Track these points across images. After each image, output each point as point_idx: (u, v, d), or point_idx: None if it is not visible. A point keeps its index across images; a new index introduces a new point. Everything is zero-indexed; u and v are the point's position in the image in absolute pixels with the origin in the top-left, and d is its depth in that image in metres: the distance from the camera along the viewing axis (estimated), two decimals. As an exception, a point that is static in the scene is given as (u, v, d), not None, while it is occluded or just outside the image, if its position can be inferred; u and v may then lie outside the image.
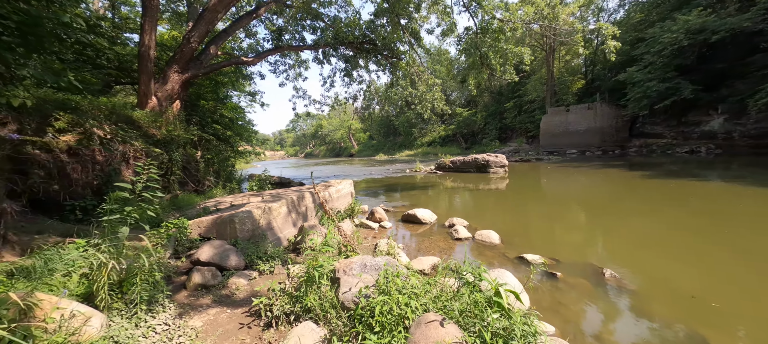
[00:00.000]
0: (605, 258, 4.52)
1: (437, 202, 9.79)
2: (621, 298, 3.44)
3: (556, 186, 11.55)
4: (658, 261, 4.34)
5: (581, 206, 8.07)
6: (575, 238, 5.59)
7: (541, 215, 7.31)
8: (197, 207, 7.75)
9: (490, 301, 2.29)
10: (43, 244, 3.82)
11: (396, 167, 26.22)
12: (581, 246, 5.13)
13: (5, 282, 2.43)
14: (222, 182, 11.58)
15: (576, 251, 4.84)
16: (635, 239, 5.29)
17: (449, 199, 10.20)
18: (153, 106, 9.85)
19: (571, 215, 7.22)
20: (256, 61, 11.92)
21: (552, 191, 10.61)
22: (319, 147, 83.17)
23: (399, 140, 59.40)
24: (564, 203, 8.46)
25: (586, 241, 5.41)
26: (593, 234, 5.81)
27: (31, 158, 5.21)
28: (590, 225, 6.40)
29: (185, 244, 4.73)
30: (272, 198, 5.35)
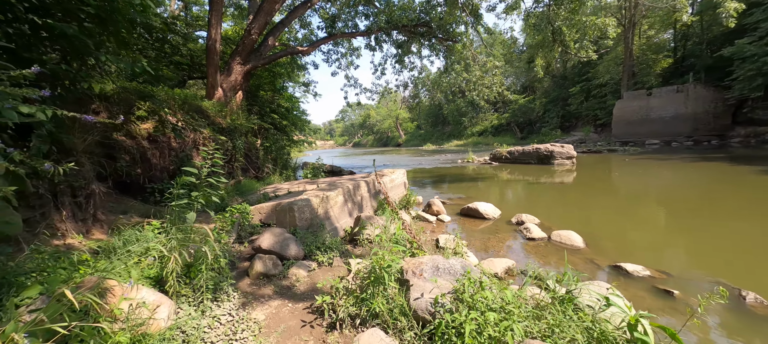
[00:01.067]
0: (732, 274, 3.56)
1: (497, 196, 9.00)
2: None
3: (637, 182, 9.94)
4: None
5: (676, 205, 6.72)
6: (679, 245, 4.57)
7: (626, 215, 6.22)
8: (257, 193, 8.06)
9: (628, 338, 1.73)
10: (126, 224, 4.09)
11: (445, 157, 25.29)
12: (692, 256, 4.15)
13: (89, 262, 2.51)
14: (279, 170, 12.06)
15: (688, 263, 3.91)
16: (762, 250, 4.13)
17: (510, 193, 9.33)
18: (219, 96, 10.48)
19: (666, 216, 6.02)
20: (311, 51, 12.03)
21: (634, 188, 9.12)
22: (367, 137, 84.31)
23: (447, 130, 57.54)
24: (652, 201, 7.15)
25: (696, 249, 4.38)
26: (701, 241, 4.70)
27: (118, 144, 5.72)
28: (694, 229, 5.24)
29: (247, 229, 4.80)
30: (328, 187, 5.21)
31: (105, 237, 3.68)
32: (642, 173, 11.34)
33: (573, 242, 4.57)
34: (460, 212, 6.71)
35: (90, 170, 3.54)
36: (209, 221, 4.99)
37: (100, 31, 3.43)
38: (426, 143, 54.01)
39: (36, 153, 2.64)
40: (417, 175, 14.80)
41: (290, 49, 12.23)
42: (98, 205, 3.78)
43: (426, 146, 51.30)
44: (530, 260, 4.09)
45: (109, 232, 3.81)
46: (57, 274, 1.98)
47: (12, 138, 2.51)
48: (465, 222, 6.07)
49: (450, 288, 2.34)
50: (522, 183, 10.69)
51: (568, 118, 36.91)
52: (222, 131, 8.92)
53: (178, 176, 2.61)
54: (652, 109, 25.04)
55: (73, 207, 3.29)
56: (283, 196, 6.56)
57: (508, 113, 44.71)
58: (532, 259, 4.14)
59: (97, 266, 2.47)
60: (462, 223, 6.05)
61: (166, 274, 2.41)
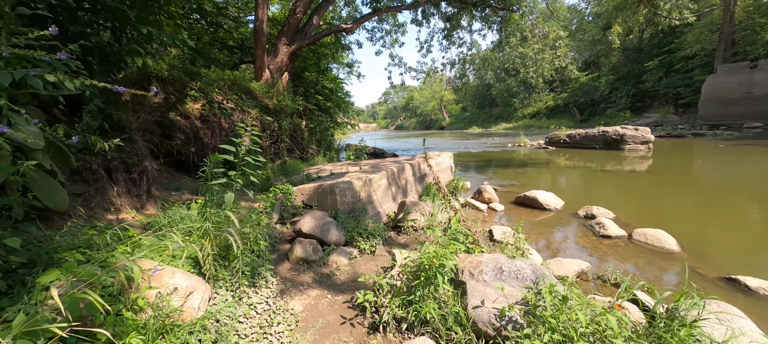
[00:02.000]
0: None
1: (557, 184, 8.03)
2: None
3: (737, 173, 8.19)
4: None
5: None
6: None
7: (728, 214, 5.06)
8: (301, 173, 8.12)
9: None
10: (177, 200, 4.20)
11: (493, 140, 23.77)
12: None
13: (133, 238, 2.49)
14: (323, 151, 12.15)
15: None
16: None
17: (573, 181, 8.28)
18: (266, 78, 10.67)
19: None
20: (355, 27, 11.67)
21: (733, 180, 7.51)
22: (410, 119, 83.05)
23: (495, 112, 54.26)
24: (762, 199, 5.75)
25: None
26: None
27: (173, 123, 5.99)
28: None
29: (290, 210, 4.72)
30: (372, 169, 4.92)
31: (158, 212, 3.79)
32: (741, 163, 9.36)
33: (663, 244, 3.75)
34: (514, 201, 6.03)
35: (143, 147, 3.62)
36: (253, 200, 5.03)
37: (149, 6, 3.40)
38: (472, 126, 51.66)
39: (86, 129, 2.66)
40: (463, 159, 14.00)
41: (334, 28, 11.99)
42: (152, 181, 3.89)
43: (471, 129, 49.07)
44: (609, 263, 3.41)
45: (161, 207, 3.92)
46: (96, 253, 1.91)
47: (63, 113, 2.54)
48: (521, 213, 5.42)
49: (519, 297, 1.89)
50: (586, 171, 9.46)
51: (641, 97, 32.37)
52: (269, 112, 9.07)
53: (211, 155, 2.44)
54: (755, 85, 20.78)
55: (127, 183, 3.38)
56: (325, 177, 6.45)
57: (567, 93, 40.58)
58: (610, 262, 3.46)
59: (139, 242, 2.44)
60: (518, 213, 5.40)
61: (202, 257, 2.29)
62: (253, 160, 2.61)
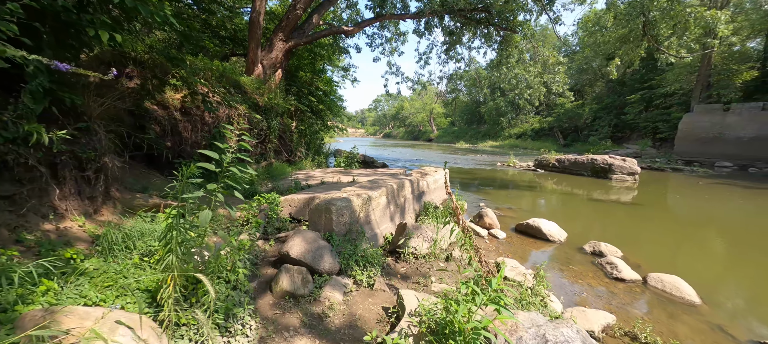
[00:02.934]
0: None
1: (554, 211, 7.83)
2: None
3: (729, 212, 8.28)
4: None
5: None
6: None
7: (740, 259, 4.91)
8: (288, 178, 7.55)
9: None
10: (142, 204, 3.58)
11: (481, 158, 23.83)
12: None
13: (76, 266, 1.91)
14: (311, 155, 11.57)
15: None
16: None
17: (570, 209, 8.11)
18: (258, 73, 10.05)
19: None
20: (356, 31, 11.28)
21: (730, 221, 7.55)
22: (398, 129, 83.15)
23: (483, 129, 55.12)
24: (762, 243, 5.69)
25: None
26: None
27: (149, 113, 5.32)
28: None
29: (275, 223, 4.18)
30: (371, 185, 4.46)
31: (116, 219, 3.17)
32: (727, 201, 9.54)
33: (683, 294, 3.48)
34: (515, 228, 5.71)
35: (104, 139, 3.02)
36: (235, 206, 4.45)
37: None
38: (459, 141, 52.14)
39: (22, 114, 2.08)
40: (454, 175, 13.75)
41: (334, 29, 11.55)
42: (112, 180, 3.28)
43: (459, 144, 49.49)
44: (632, 313, 3.08)
45: (122, 212, 3.31)
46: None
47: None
48: (524, 243, 5.09)
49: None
50: (579, 198, 9.36)
51: (622, 128, 33.61)
52: (258, 109, 8.47)
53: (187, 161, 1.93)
54: (727, 126, 21.89)
55: (78, 182, 2.77)
56: (316, 187, 5.92)
57: (553, 117, 41.71)
58: (632, 311, 3.13)
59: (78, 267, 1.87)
60: (521, 243, 5.07)
61: (160, 298, 1.75)
62: (239, 171, 2.10)
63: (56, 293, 1.58)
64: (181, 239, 1.78)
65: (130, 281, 1.99)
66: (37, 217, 2.30)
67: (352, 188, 4.14)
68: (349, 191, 3.98)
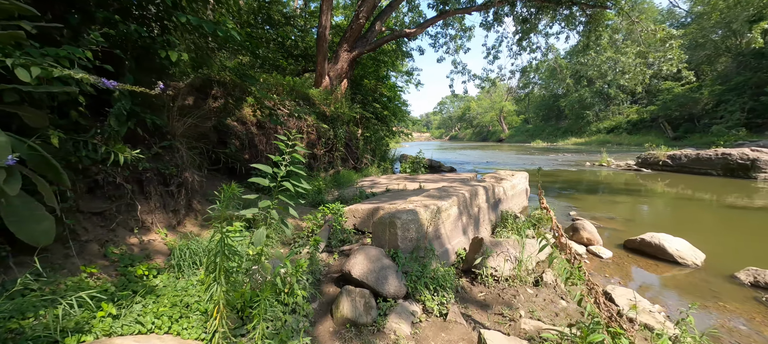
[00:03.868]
0: None
1: (678, 222, 6.22)
2: None
3: None
4: None
5: None
6: None
7: None
8: (354, 186, 7.54)
9: None
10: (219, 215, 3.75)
11: (564, 157, 21.04)
12: None
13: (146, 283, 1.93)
14: (377, 161, 11.56)
15: None
16: None
17: (699, 220, 6.36)
18: (326, 85, 10.46)
19: None
20: (418, 32, 10.95)
21: None
22: (465, 130, 79.92)
23: (563, 125, 49.30)
24: None
25: None
26: None
27: (230, 130, 5.79)
28: None
29: (339, 235, 4.02)
30: (439, 194, 4.00)
31: (196, 229, 3.35)
32: None
33: None
34: (624, 244, 4.60)
35: (185, 155, 3.22)
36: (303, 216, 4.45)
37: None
38: (535, 140, 47.56)
39: (111, 135, 2.23)
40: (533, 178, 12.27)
41: (396, 33, 11.42)
42: (193, 193, 3.49)
43: (534, 143, 45.16)
44: None
45: (200, 224, 3.50)
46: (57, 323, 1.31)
47: (83, 116, 2.13)
48: (639, 265, 4.01)
49: None
50: (708, 206, 7.32)
51: (762, 112, 26.26)
52: (325, 119, 8.74)
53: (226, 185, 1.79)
54: None
55: (163, 197, 2.97)
56: (380, 196, 5.69)
57: (656, 105, 34.95)
58: None
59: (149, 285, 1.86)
60: (635, 266, 4.01)
61: (209, 329, 1.61)
62: (293, 185, 1.90)
63: (114, 317, 1.57)
64: (227, 266, 1.62)
65: (192, 299, 1.94)
66: (126, 231, 2.49)
67: (419, 198, 3.75)
68: (416, 201, 3.60)
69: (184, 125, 3.38)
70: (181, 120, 3.38)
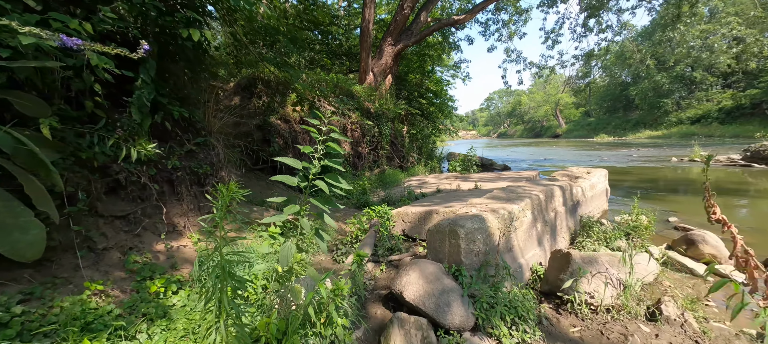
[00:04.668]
0: None
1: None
2: None
3: None
4: None
5: None
6: None
7: None
8: (401, 186, 7.02)
9: None
10: (258, 218, 3.48)
11: (640, 153, 18.27)
12: None
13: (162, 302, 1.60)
14: (424, 160, 10.93)
15: None
16: None
17: None
18: (370, 81, 10.11)
19: None
20: (468, 19, 10.10)
21: None
22: (515, 126, 75.13)
23: (634, 116, 43.66)
24: None
25: None
26: None
27: (274, 128, 5.64)
28: None
29: (386, 242, 3.52)
30: (507, 196, 3.29)
31: (233, 234, 3.08)
32: None
33: None
34: (766, 262, 3.43)
35: (221, 152, 2.97)
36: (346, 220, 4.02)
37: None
38: (598, 134, 42.84)
39: (134, 129, 1.98)
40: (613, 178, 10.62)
41: (444, 21, 10.67)
42: (231, 194, 3.24)
43: (599, 138, 40.69)
44: None
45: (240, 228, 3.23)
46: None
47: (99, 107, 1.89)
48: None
49: None
50: None
51: None
52: (370, 116, 8.36)
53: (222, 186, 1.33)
54: None
55: (198, 198, 2.73)
56: (432, 196, 5.08)
57: (760, 89, 29.04)
58: None
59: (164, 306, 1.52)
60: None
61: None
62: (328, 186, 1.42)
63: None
64: (231, 302, 1.18)
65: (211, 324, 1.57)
66: (154, 236, 2.26)
67: (483, 201, 3.09)
68: (479, 204, 2.95)
69: (221, 121, 3.15)
70: (217, 115, 3.15)
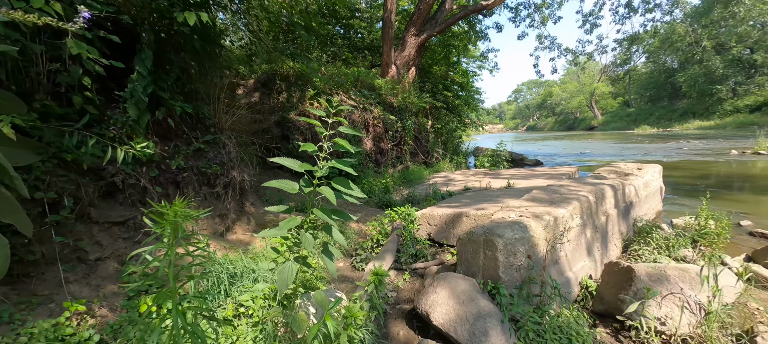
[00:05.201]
0: None
1: None
2: None
3: None
4: None
5: None
6: None
7: None
8: (425, 183, 6.65)
9: None
10: (274, 219, 3.28)
11: (691, 145, 16.55)
12: None
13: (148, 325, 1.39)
14: (449, 155, 10.45)
15: None
16: None
17: None
18: (393, 74, 9.75)
19: None
20: (497, 4, 9.43)
21: None
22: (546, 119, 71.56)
23: (680, 105, 40.04)
24: None
25: None
26: None
27: (293, 124, 5.47)
28: None
29: (409, 248, 3.20)
30: (549, 197, 2.85)
31: (247, 237, 2.90)
32: None
33: None
34: None
35: (233, 151, 2.78)
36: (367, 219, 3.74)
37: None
38: (640, 125, 39.73)
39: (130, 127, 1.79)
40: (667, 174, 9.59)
41: (471, 7, 10.07)
42: (245, 194, 3.06)
43: (640, 129, 37.75)
44: None
45: (255, 230, 3.05)
46: None
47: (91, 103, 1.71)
48: None
49: None
50: None
51: None
52: (392, 110, 8.03)
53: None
54: None
55: (208, 199, 2.55)
56: (459, 196, 4.68)
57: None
58: None
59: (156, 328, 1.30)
60: None
61: None
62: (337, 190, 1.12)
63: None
64: None
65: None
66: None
67: (521, 203, 2.68)
68: (518, 207, 2.54)
69: (233, 118, 2.96)
70: (231, 111, 2.96)
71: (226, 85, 2.87)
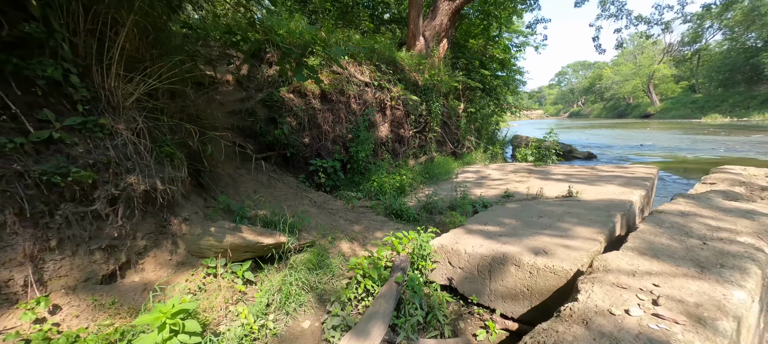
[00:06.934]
0: None
1: None
2: None
3: None
4: None
5: None
6: None
7: None
8: (452, 180, 5.34)
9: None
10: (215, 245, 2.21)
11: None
12: None
13: None
14: (483, 144, 8.94)
15: None
16: None
17: None
18: (420, 47, 8.29)
19: None
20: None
21: None
22: (592, 105, 65.22)
23: (762, 91, 34.25)
24: None
25: None
26: None
27: (284, 104, 4.35)
28: None
29: (416, 309, 2.00)
30: (683, 247, 1.48)
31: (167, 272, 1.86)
32: None
33: None
34: None
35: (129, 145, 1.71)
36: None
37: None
38: (709, 114, 34.62)
39: None
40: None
41: (519, -36, 8.21)
42: (172, 208, 2.01)
43: (708, 118, 32.92)
44: None
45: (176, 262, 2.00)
46: None
47: None
48: None
49: None
50: None
51: None
52: (416, 90, 6.68)
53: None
54: None
55: (73, 225, 1.52)
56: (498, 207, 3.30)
57: None
58: None
59: None
60: None
61: None
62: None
63: None
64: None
65: None
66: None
67: (632, 261, 1.35)
68: (631, 276, 1.23)
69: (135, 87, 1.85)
70: (127, 77, 1.84)
71: (126, 34, 1.76)
